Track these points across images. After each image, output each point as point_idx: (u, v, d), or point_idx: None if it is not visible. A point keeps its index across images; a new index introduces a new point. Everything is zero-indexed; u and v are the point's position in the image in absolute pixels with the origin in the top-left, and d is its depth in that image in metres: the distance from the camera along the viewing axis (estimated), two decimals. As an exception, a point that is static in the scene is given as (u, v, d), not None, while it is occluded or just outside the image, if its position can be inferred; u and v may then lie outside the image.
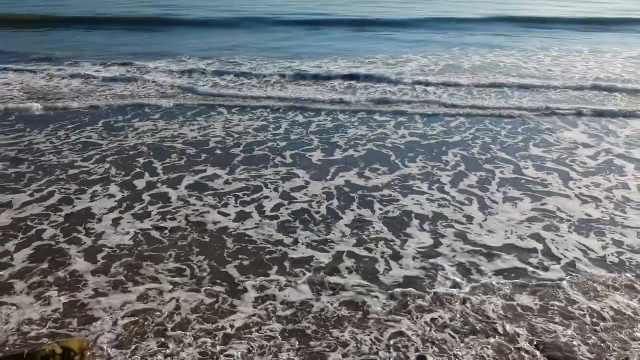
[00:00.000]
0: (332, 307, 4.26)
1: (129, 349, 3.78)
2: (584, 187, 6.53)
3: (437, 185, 6.59)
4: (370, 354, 3.75)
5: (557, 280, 4.64)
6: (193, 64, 13.60)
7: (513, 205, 6.07)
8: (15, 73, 12.77)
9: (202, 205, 6.01)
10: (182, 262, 4.89)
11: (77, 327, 4.02)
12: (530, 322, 4.09)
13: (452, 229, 5.51)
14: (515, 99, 10.61)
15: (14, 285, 4.52)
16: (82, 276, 4.67)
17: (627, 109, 9.89)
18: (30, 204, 6.00)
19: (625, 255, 5.04)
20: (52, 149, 7.76)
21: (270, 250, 5.10)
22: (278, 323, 4.07)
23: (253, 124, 9.00)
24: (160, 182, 6.64)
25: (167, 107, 10.08)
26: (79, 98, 10.66)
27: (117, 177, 6.77)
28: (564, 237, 5.38)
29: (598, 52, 15.68)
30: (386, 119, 9.36)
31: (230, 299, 4.37)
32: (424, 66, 13.45)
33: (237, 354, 3.73)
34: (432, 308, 4.27)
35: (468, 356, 3.72)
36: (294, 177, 6.80)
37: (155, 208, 5.94)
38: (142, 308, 4.25)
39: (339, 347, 3.80)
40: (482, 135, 8.50)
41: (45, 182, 6.57)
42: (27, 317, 4.12)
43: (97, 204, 6.04)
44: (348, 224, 5.60)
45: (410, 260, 4.93)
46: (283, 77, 12.24)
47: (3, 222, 5.59)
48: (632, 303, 4.31)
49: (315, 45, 16.66)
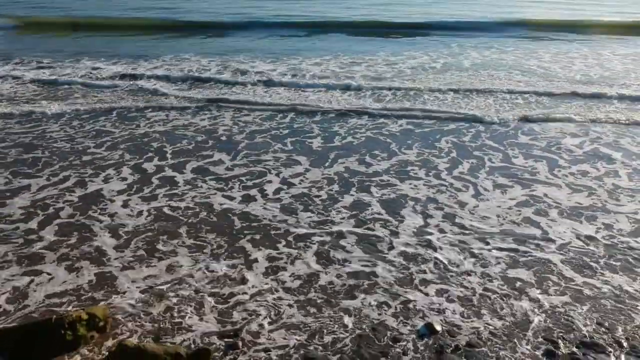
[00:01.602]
0: (339, 280, 4.48)
1: (149, 315, 3.99)
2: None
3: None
4: (379, 319, 3.96)
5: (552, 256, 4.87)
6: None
7: (502, 192, 6.28)
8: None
9: (207, 188, 6.28)
10: (195, 238, 5.12)
11: (102, 296, 4.24)
12: (528, 293, 4.31)
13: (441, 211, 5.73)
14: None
15: (43, 257, 4.79)
16: (104, 250, 4.92)
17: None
18: (45, 187, 6.23)
19: (617, 239, 5.26)
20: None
21: (275, 227, 5.33)
22: (289, 291, 4.31)
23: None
24: (168, 166, 6.89)
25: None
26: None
27: (130, 161, 7.03)
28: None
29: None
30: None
31: (246, 270, 4.62)
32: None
33: (261, 311, 3.94)
34: (434, 280, 4.49)
35: (470, 324, 3.95)
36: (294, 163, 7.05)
37: (163, 190, 6.20)
38: (163, 280, 4.47)
39: (347, 315, 4.02)
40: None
41: (58, 167, 6.80)
42: (56, 285, 4.36)
43: (110, 185, 6.30)
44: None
45: (409, 238, 5.15)
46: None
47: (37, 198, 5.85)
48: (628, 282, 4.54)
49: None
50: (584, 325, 3.90)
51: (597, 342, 3.71)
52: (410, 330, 3.85)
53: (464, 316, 4.02)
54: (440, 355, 3.61)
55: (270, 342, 3.71)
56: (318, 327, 3.88)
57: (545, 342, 3.71)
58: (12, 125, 8.46)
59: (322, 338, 3.76)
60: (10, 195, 5.99)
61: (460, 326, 3.90)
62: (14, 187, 6.20)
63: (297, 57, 13.93)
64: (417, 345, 3.69)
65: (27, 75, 11.81)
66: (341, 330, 3.85)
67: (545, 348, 3.66)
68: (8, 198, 5.91)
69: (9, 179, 6.42)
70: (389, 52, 14.81)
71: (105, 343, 3.69)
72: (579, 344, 3.70)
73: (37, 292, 4.29)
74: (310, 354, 3.60)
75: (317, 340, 3.73)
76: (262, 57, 13.95)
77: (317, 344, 3.70)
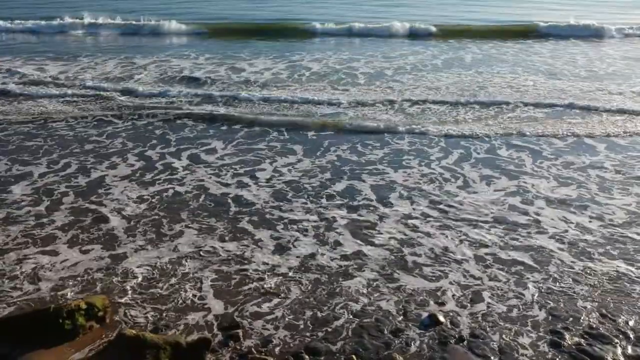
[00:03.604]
0: (333, 262, 4.43)
1: (150, 303, 3.94)
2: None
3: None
4: (381, 308, 3.91)
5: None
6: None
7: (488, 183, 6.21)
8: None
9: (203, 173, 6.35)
10: (197, 222, 5.17)
11: (110, 277, 4.26)
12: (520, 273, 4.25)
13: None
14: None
15: (54, 238, 4.89)
16: (113, 232, 4.99)
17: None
18: (46, 174, 6.25)
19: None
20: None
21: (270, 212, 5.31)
22: (293, 269, 4.33)
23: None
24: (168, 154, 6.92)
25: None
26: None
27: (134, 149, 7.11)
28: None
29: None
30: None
31: (252, 247, 4.74)
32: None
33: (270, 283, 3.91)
34: (427, 262, 4.45)
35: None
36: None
37: (164, 175, 6.27)
38: (169, 259, 4.53)
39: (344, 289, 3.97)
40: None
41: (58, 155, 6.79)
42: (64, 267, 4.41)
43: (114, 171, 6.38)
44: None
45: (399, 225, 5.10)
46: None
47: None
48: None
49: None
50: (588, 315, 3.83)
51: (603, 334, 3.65)
52: (414, 322, 3.80)
53: (466, 306, 3.96)
54: (444, 346, 3.56)
55: (271, 333, 3.67)
56: (319, 315, 3.83)
57: (550, 333, 3.66)
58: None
59: (324, 328, 3.71)
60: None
61: (462, 316, 3.85)
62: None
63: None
64: (421, 337, 3.64)
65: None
66: (343, 320, 3.80)
67: (550, 338, 3.61)
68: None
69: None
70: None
71: (105, 333, 3.65)
72: (584, 334, 3.65)
73: (51, 272, 4.33)
74: (312, 344, 3.55)
75: (319, 331, 3.68)
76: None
77: (318, 334, 3.65)
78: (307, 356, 3.44)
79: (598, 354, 3.46)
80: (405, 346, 3.55)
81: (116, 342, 3.42)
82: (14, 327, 3.52)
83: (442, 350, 3.52)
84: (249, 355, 3.44)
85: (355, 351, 3.48)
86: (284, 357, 3.44)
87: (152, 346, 3.32)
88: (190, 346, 3.41)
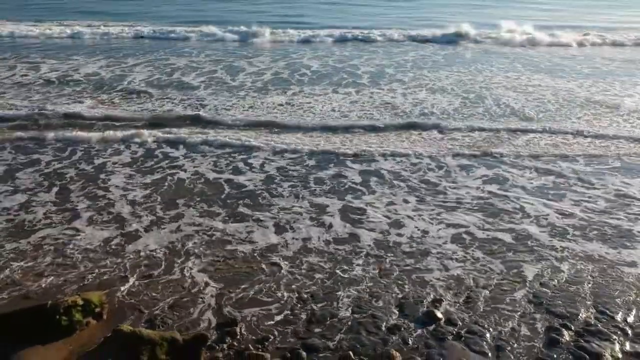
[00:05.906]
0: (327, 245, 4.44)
1: (147, 296, 3.94)
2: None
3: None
4: (379, 304, 3.91)
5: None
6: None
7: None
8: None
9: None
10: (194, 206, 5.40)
11: (111, 259, 4.42)
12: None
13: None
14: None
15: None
16: (119, 214, 5.22)
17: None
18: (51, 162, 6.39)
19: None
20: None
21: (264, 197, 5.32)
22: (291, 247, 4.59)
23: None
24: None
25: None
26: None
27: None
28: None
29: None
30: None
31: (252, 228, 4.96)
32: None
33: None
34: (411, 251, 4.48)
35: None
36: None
37: (164, 164, 6.55)
38: (171, 239, 4.75)
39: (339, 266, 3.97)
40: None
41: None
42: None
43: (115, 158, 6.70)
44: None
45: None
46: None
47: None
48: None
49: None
50: (585, 307, 3.83)
51: (601, 330, 3.64)
52: (411, 318, 3.79)
53: (462, 302, 3.95)
54: (441, 342, 3.55)
55: (269, 328, 3.66)
56: (316, 310, 3.83)
57: (548, 325, 3.66)
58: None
59: (320, 324, 3.70)
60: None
61: (458, 312, 3.83)
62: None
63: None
64: (418, 333, 3.63)
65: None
66: (339, 316, 3.79)
67: (548, 333, 3.61)
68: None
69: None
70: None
71: (102, 328, 3.63)
72: (583, 330, 3.64)
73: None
74: (309, 341, 3.54)
75: (316, 327, 3.67)
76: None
77: (315, 331, 3.64)
78: (304, 352, 3.43)
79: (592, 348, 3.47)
80: (402, 343, 3.53)
81: (113, 337, 3.40)
82: (10, 323, 3.50)
83: (439, 346, 3.51)
84: (246, 351, 3.43)
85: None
86: (281, 353, 3.43)
87: (149, 342, 3.31)
88: (187, 342, 3.40)
